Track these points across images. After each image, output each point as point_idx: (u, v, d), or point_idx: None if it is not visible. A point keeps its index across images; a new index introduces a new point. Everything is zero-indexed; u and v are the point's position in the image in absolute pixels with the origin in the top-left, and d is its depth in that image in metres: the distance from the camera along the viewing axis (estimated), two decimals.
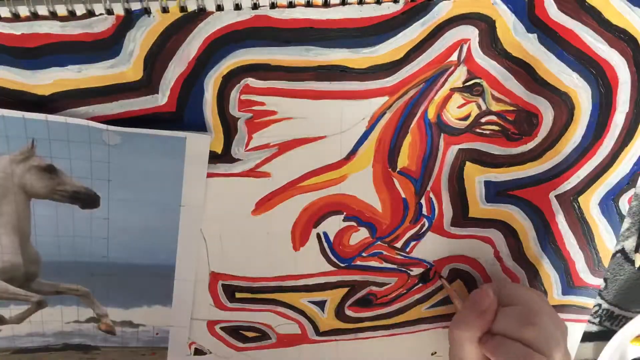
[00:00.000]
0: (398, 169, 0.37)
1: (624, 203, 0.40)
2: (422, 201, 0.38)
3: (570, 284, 0.44)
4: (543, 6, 0.33)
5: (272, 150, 0.35)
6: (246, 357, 0.43)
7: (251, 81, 0.33)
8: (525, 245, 0.41)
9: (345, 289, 0.41)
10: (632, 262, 0.46)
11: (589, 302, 0.45)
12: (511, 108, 0.36)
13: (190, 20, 0.30)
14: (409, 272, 0.41)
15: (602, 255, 0.43)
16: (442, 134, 0.36)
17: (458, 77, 0.34)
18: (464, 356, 0.36)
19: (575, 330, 0.47)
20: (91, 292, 0.38)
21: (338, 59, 0.33)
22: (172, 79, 0.32)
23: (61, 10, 0.29)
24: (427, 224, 0.39)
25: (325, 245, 0.39)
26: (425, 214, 0.39)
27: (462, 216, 0.39)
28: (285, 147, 0.35)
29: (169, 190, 0.35)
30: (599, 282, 0.44)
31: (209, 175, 0.35)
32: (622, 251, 0.45)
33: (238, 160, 0.35)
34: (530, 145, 0.37)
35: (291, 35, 0.31)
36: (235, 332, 0.42)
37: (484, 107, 0.36)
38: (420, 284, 0.42)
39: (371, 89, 0.34)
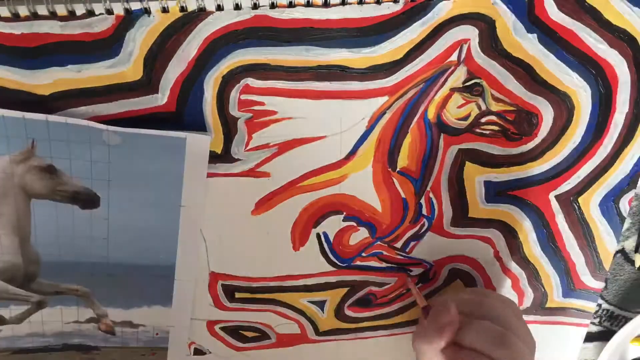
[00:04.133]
0: (398, 169, 0.37)
1: (624, 205, 0.40)
2: (422, 201, 0.38)
3: (571, 286, 0.43)
4: (543, 6, 0.33)
5: (272, 150, 0.35)
6: (246, 357, 0.43)
7: (251, 81, 0.33)
8: (525, 245, 0.41)
9: (345, 289, 0.41)
10: (632, 262, 0.46)
11: (590, 305, 0.45)
12: (511, 108, 0.36)
13: (190, 20, 0.30)
14: (408, 272, 0.41)
15: (603, 257, 0.42)
16: (442, 134, 0.36)
17: (458, 77, 0.34)
18: None
19: (576, 335, 0.46)
20: (91, 292, 0.38)
21: (338, 59, 0.33)
22: (172, 79, 0.32)
23: (61, 10, 0.29)
24: (427, 224, 0.39)
25: (325, 245, 0.39)
26: (425, 214, 0.39)
27: (462, 216, 0.39)
28: (285, 147, 0.35)
29: (169, 190, 0.35)
30: (600, 285, 0.44)
31: (209, 175, 0.35)
32: (622, 251, 0.45)
33: (238, 160, 0.35)
34: (530, 145, 0.37)
35: (291, 35, 0.31)
36: (235, 332, 0.42)
37: (483, 107, 0.36)
38: (420, 284, 0.42)
39: (371, 89, 0.34)
